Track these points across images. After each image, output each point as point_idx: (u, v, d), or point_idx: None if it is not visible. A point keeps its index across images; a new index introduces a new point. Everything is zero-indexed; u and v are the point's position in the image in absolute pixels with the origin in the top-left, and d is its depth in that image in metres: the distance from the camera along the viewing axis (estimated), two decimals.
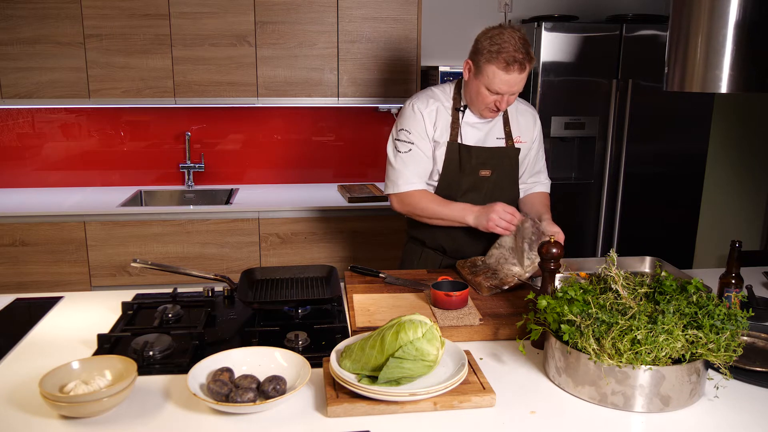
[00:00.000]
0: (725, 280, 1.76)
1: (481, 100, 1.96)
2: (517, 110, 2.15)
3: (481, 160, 2.07)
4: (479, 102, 1.98)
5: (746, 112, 4.06)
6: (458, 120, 2.06)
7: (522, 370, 1.47)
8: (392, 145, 2.10)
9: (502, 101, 1.95)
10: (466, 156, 2.06)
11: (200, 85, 3.27)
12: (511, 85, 1.90)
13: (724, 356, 1.28)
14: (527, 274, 1.89)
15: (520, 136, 2.14)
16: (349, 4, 3.28)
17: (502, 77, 1.88)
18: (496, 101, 1.95)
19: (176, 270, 1.83)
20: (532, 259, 1.88)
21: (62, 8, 3.10)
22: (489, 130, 2.10)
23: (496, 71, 1.88)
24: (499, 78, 1.88)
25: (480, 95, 1.95)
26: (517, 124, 2.14)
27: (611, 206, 3.36)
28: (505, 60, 1.85)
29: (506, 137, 2.12)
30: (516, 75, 1.88)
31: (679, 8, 1.77)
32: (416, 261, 2.25)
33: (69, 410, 1.22)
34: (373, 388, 1.26)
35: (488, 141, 2.10)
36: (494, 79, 1.89)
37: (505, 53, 1.85)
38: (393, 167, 2.09)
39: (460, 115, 2.07)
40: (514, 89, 1.92)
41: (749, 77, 1.70)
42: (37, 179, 3.59)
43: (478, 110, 2.02)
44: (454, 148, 2.05)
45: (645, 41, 3.19)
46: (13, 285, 3.09)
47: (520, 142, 2.14)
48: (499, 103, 1.95)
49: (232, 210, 3.17)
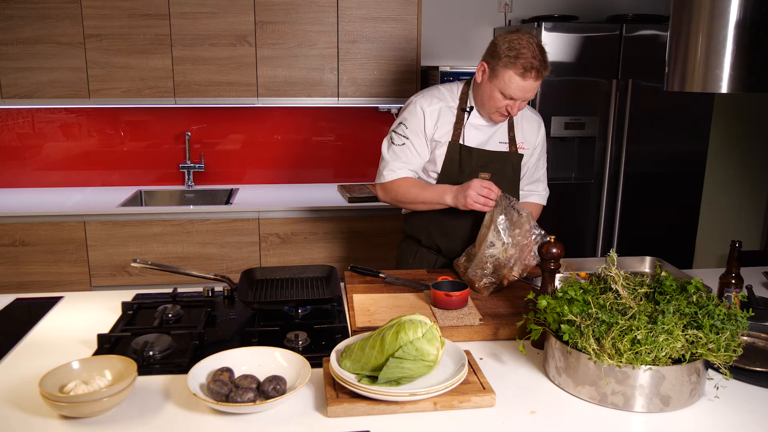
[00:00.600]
0: (725, 280, 1.76)
1: (493, 104, 1.96)
2: (522, 116, 2.14)
3: (481, 162, 2.06)
4: (490, 105, 1.97)
5: (746, 112, 4.06)
6: (462, 120, 2.06)
7: (522, 370, 1.47)
8: (388, 138, 2.11)
9: (513, 106, 1.94)
10: (466, 157, 2.05)
11: (200, 85, 3.27)
12: (525, 92, 1.90)
13: (724, 356, 1.28)
14: (512, 254, 1.84)
15: (523, 143, 2.13)
16: (349, 4, 3.28)
17: (518, 83, 1.88)
18: (507, 106, 1.95)
19: (176, 270, 1.83)
20: (510, 239, 1.84)
21: (62, 8, 3.10)
22: (492, 133, 2.09)
23: (513, 76, 1.87)
24: (515, 83, 1.88)
25: (493, 99, 1.95)
26: (522, 130, 2.13)
27: (611, 206, 3.36)
28: (522, 66, 1.85)
29: (509, 142, 2.11)
30: (531, 82, 1.88)
31: (680, 8, 1.77)
32: (411, 260, 2.24)
33: (69, 410, 1.22)
34: (373, 388, 1.26)
35: (490, 144, 2.09)
36: (510, 84, 1.88)
37: (523, 59, 1.85)
38: (383, 159, 2.11)
39: (465, 115, 2.06)
40: (527, 95, 1.92)
41: (749, 77, 1.70)
42: (37, 179, 3.59)
43: (487, 113, 2.02)
44: (455, 148, 2.05)
45: (645, 41, 3.19)
46: (13, 285, 3.09)
47: (523, 148, 2.13)
48: (511, 108, 1.95)
49: (232, 210, 3.17)
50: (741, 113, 4.05)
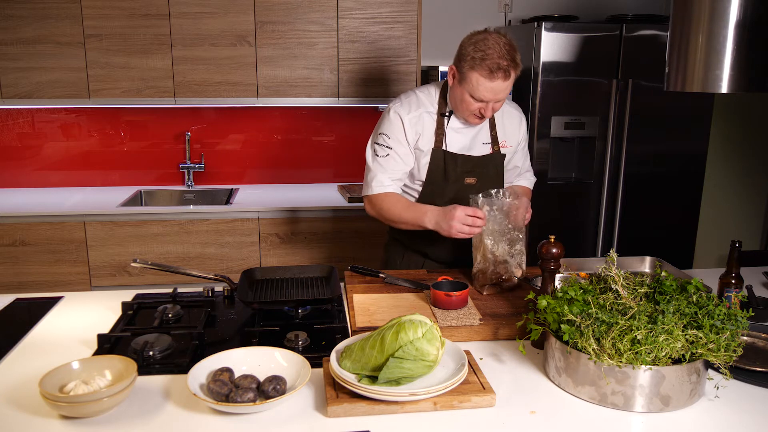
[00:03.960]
0: (725, 280, 1.76)
1: (465, 107, 1.91)
2: (503, 113, 2.09)
3: (466, 168, 2.02)
4: (463, 109, 1.92)
5: (746, 112, 4.06)
6: (443, 126, 2.01)
7: (522, 370, 1.47)
8: (371, 149, 2.04)
9: (486, 108, 1.89)
10: (451, 164, 2.01)
11: (200, 85, 3.27)
12: (495, 93, 1.84)
13: (724, 356, 1.28)
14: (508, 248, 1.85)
15: (506, 141, 2.09)
16: (349, 4, 3.28)
17: (486, 85, 1.82)
18: (480, 108, 1.89)
19: (176, 270, 1.83)
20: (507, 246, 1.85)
21: (62, 8, 3.10)
22: (475, 135, 2.05)
23: (480, 78, 1.82)
24: (483, 86, 1.83)
25: (464, 102, 1.90)
26: (503, 127, 2.09)
27: (611, 206, 3.36)
28: (489, 67, 1.79)
29: (492, 142, 2.07)
30: (500, 82, 1.82)
31: (680, 8, 1.77)
32: (399, 261, 2.21)
33: (69, 410, 1.22)
34: (373, 388, 1.26)
35: (474, 147, 2.05)
36: (478, 87, 1.83)
37: (489, 60, 1.79)
38: (369, 169, 2.03)
39: (445, 120, 2.01)
40: (499, 96, 1.86)
41: (749, 77, 1.70)
42: (37, 179, 3.59)
43: (462, 117, 1.97)
44: (438, 155, 2.00)
45: (645, 41, 3.19)
46: (13, 285, 3.09)
47: (506, 146, 2.10)
48: (484, 110, 1.90)
49: (232, 210, 3.17)
50: (741, 113, 4.05)
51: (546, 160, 3.24)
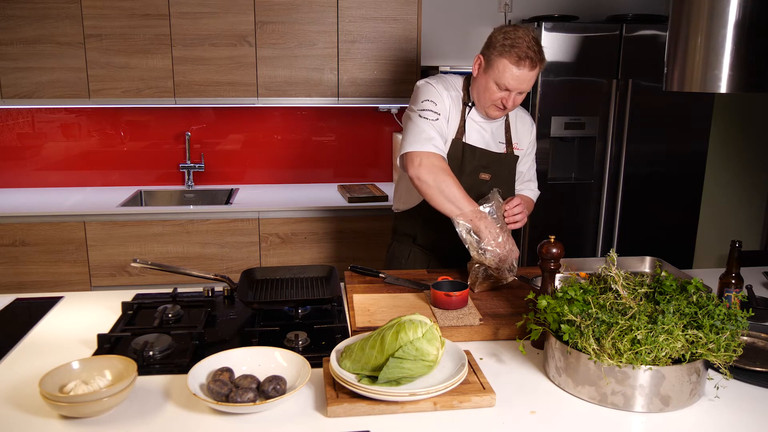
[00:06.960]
0: (725, 280, 1.76)
1: (488, 96, 1.94)
2: (516, 116, 2.14)
3: (483, 163, 2.04)
4: (486, 98, 1.95)
5: (746, 112, 4.06)
6: (465, 115, 2.03)
7: (522, 370, 1.47)
8: (415, 114, 1.95)
9: (509, 99, 1.92)
10: (469, 156, 2.02)
11: (200, 85, 3.27)
12: (520, 82, 1.88)
13: (724, 356, 1.28)
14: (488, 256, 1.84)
15: (518, 144, 2.12)
16: (349, 4, 3.28)
17: (512, 72, 1.87)
18: (503, 98, 1.93)
19: (176, 270, 1.83)
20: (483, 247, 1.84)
21: (62, 8, 3.10)
22: (493, 132, 2.08)
23: (507, 65, 1.86)
24: (510, 72, 1.87)
25: (488, 90, 1.93)
26: (516, 130, 2.12)
27: (611, 206, 3.36)
28: (517, 54, 1.85)
29: (506, 143, 2.10)
30: (526, 71, 1.87)
31: (679, 8, 1.77)
32: (404, 261, 2.21)
33: (69, 410, 1.22)
34: (373, 388, 1.26)
35: (492, 145, 2.07)
36: (504, 73, 1.87)
37: (518, 48, 1.85)
38: (417, 127, 1.91)
39: (467, 110, 2.04)
40: (522, 86, 1.90)
41: (749, 77, 1.70)
42: (37, 179, 3.59)
43: (483, 108, 1.99)
44: (458, 146, 2.02)
45: (645, 41, 3.19)
46: (13, 285, 3.09)
47: (518, 149, 2.13)
48: (506, 100, 1.93)
49: (232, 210, 3.17)
50: (741, 113, 4.05)
51: (546, 160, 3.24)
